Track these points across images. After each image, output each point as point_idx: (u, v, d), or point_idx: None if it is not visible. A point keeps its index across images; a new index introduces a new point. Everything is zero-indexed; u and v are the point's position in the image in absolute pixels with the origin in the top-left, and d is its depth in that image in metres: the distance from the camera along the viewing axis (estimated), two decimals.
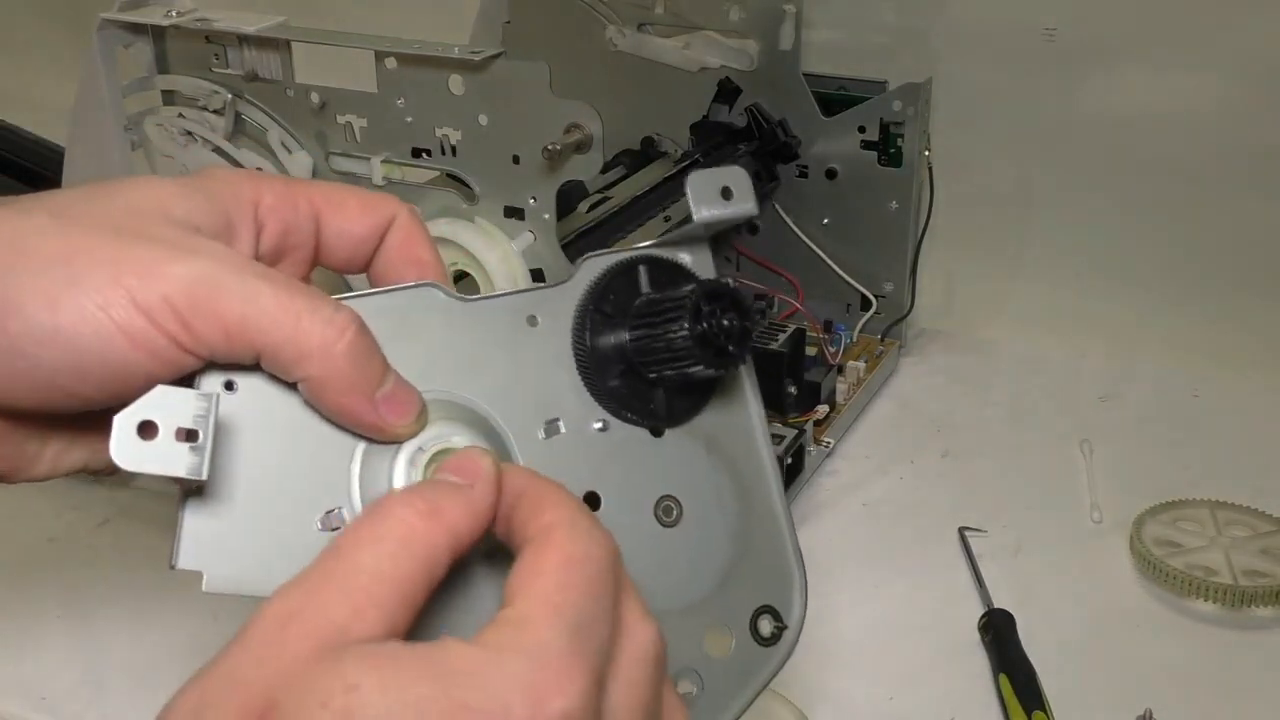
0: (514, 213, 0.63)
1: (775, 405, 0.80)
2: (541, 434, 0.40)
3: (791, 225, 0.92)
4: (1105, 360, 0.93)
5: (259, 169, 0.67)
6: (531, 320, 0.40)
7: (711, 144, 0.89)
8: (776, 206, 0.92)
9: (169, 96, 0.69)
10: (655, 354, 0.40)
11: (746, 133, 0.90)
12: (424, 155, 0.64)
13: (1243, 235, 0.89)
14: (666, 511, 0.42)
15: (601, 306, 0.41)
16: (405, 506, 0.32)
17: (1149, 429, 0.85)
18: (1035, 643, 0.64)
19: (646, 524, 0.42)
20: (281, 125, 0.67)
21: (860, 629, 0.67)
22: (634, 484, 0.41)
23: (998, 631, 0.65)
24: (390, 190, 0.65)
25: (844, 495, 0.79)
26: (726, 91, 0.90)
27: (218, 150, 0.68)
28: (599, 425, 0.41)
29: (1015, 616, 0.66)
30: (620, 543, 0.34)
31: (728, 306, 0.39)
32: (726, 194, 0.41)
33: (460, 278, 0.66)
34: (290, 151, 0.67)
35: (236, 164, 0.68)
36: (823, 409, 0.82)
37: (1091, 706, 0.61)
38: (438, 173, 0.66)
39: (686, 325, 0.39)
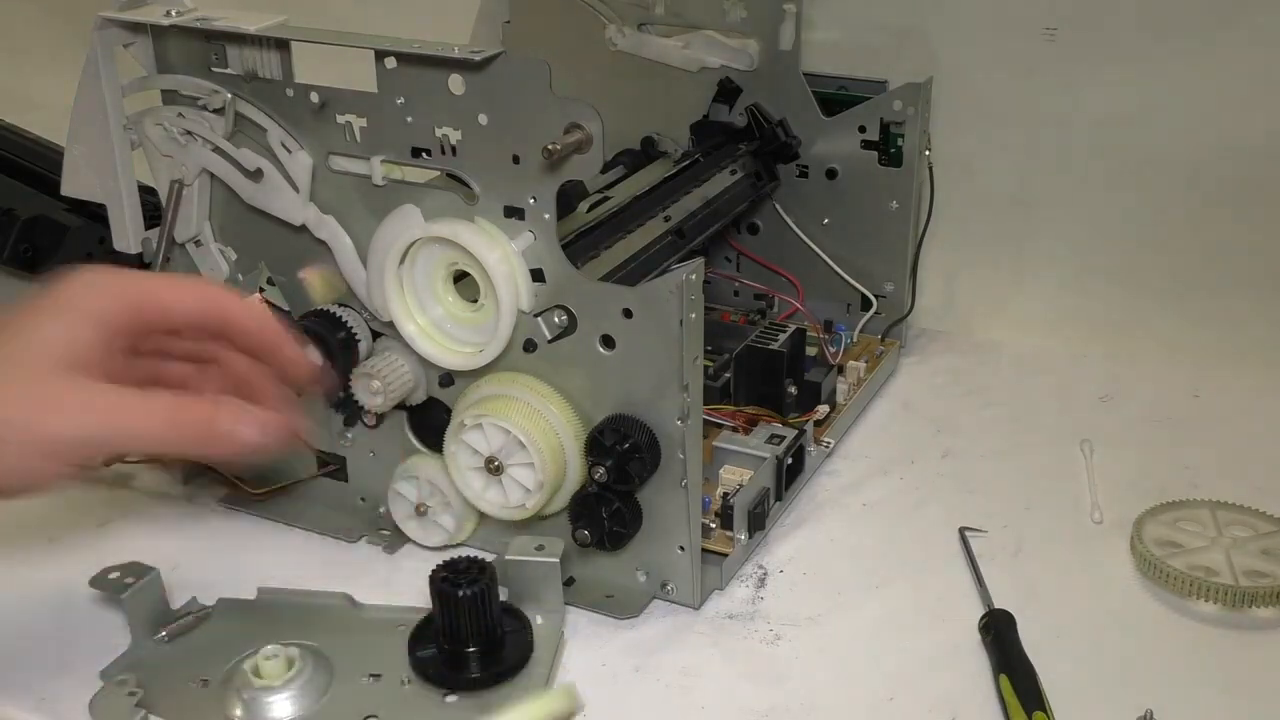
0: (514, 213, 0.63)
1: (775, 405, 0.80)
2: (366, 680, 0.61)
3: (791, 225, 0.92)
4: (1105, 360, 0.93)
5: (258, 168, 0.67)
6: (397, 624, 0.63)
7: (711, 144, 0.89)
8: (776, 206, 0.92)
9: (169, 96, 0.69)
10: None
11: (746, 133, 0.90)
12: (424, 155, 0.64)
13: (1242, 235, 0.89)
14: None
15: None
16: None
17: (1149, 429, 0.85)
18: (1035, 643, 0.64)
19: None
20: (281, 125, 0.67)
21: (860, 629, 0.67)
22: None
23: (998, 631, 0.65)
24: (390, 190, 0.65)
25: (844, 495, 0.79)
26: (726, 91, 0.90)
27: (218, 150, 0.68)
28: (404, 680, 0.61)
29: (1015, 616, 0.66)
30: None
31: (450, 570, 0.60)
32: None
33: (460, 278, 0.66)
34: (290, 151, 0.67)
35: (236, 164, 0.68)
36: (823, 409, 0.82)
37: (1091, 706, 0.61)
38: (438, 173, 0.65)
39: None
